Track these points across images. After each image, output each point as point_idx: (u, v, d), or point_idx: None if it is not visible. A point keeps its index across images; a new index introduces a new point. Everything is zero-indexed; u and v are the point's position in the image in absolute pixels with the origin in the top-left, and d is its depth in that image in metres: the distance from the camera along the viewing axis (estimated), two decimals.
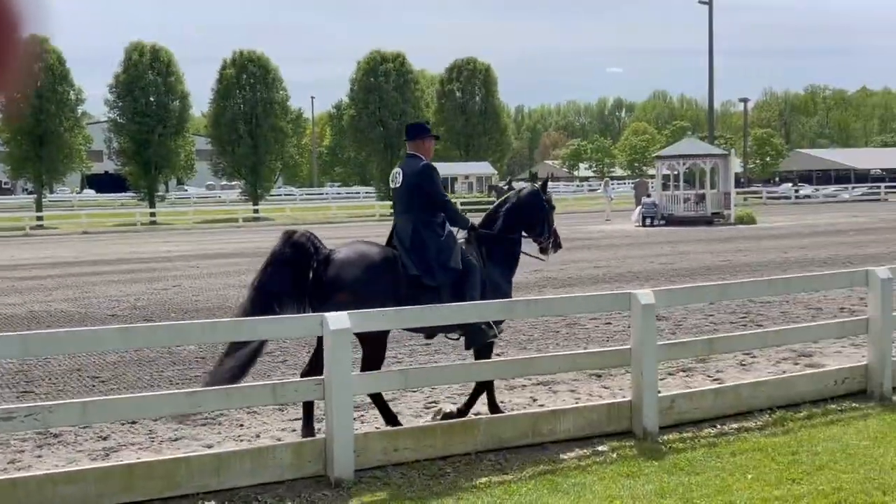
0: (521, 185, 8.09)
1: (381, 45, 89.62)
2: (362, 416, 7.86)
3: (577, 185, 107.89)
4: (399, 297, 6.79)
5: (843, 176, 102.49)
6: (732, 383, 8.03)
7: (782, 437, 6.87)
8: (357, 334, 6.39)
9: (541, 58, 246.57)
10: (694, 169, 40.36)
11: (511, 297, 7.52)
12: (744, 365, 9.54)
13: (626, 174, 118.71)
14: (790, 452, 6.44)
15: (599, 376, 9.08)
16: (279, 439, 7.11)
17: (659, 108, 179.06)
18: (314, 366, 6.74)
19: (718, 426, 7.24)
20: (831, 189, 76.88)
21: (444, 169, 64.00)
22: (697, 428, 7.20)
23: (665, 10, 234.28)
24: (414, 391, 8.47)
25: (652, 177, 51.54)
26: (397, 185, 7.25)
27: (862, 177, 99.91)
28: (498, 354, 10.17)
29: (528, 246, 7.83)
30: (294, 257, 6.78)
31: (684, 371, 9.31)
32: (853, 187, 76.03)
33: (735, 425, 7.26)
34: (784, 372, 8.93)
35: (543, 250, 7.91)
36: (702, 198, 38.20)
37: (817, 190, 76.92)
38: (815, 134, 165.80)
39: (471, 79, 77.14)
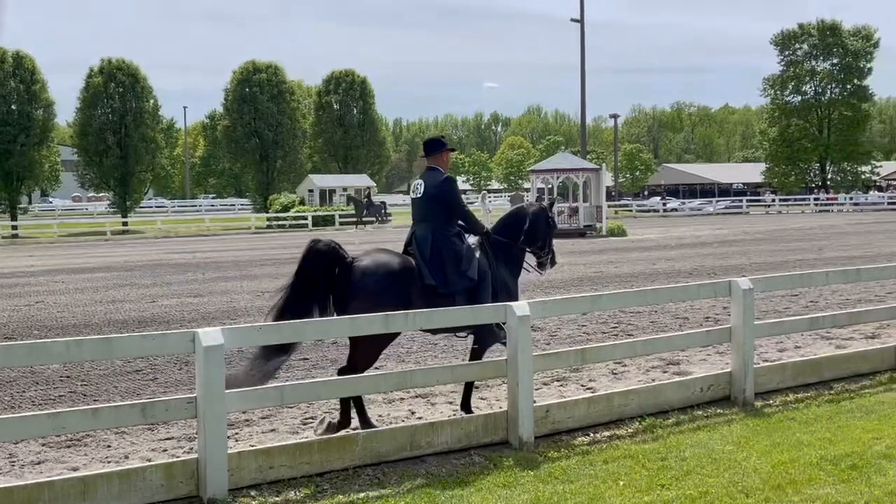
0: (528, 202, 8.66)
1: (256, 55, 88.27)
2: (237, 433, 7.70)
3: None
4: (415, 304, 7.24)
5: (707, 190, 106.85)
6: (605, 392, 8.23)
7: (652, 443, 7.07)
8: (352, 338, 6.99)
9: (419, 71, 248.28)
10: (567, 182, 41.33)
11: (518, 298, 7.87)
12: (615, 374, 9.80)
13: (502, 187, 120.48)
14: (659, 459, 6.64)
15: (478, 387, 9.15)
16: (149, 460, 6.88)
17: (534, 123, 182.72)
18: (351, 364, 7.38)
19: (591, 434, 7.41)
20: (697, 202, 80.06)
21: (321, 181, 63.54)
22: (571, 436, 7.35)
23: (539, 26, 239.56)
24: (291, 407, 8.34)
25: (527, 190, 52.50)
26: (418, 196, 7.72)
27: (725, 191, 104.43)
28: (377, 368, 10.15)
29: (528, 258, 8.33)
30: (319, 264, 7.21)
31: (559, 381, 9.49)
32: (717, 201, 79.41)
33: (607, 433, 7.44)
34: (654, 380, 9.21)
35: (541, 265, 8.42)
36: (575, 211, 39.14)
37: (684, 203, 79.96)
38: (682, 149, 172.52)
39: (349, 91, 76.94)
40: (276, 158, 69.81)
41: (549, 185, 40.39)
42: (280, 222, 56.22)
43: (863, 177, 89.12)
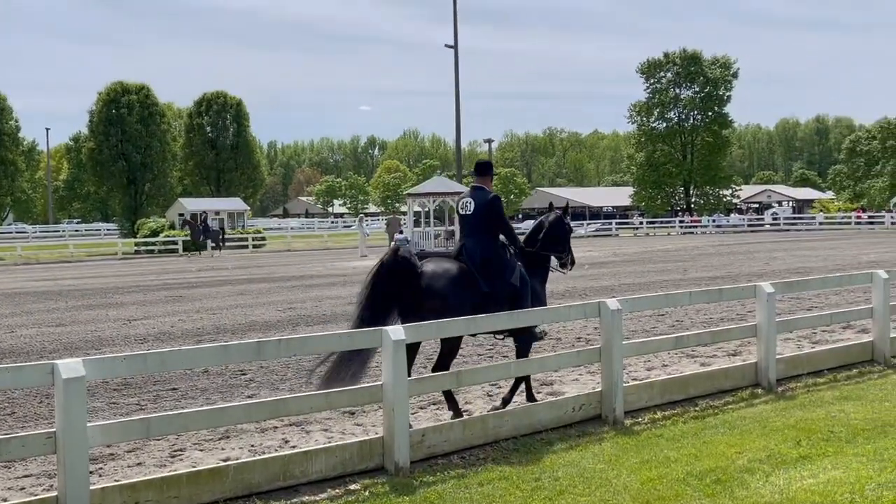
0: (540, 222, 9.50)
1: (124, 75, 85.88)
2: (100, 468, 7.37)
3: (332, 222, 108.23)
4: (473, 304, 8.18)
5: (579, 213, 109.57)
6: (479, 414, 8.28)
7: (526, 464, 7.14)
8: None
9: (295, 94, 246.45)
10: (443, 206, 41.71)
11: (546, 303, 9.12)
12: (490, 396, 9.87)
13: (379, 211, 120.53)
14: (533, 479, 6.71)
15: (353, 414, 9.06)
16: (5, 499, 6.50)
17: (410, 147, 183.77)
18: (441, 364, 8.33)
19: (467, 457, 7.42)
20: None
21: (193, 204, 62.00)
22: (447, 460, 7.35)
23: (415, 51, 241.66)
24: (158, 439, 8.05)
25: (404, 213, 52.64)
26: (469, 212, 8.64)
27: (596, 214, 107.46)
28: (249, 396, 9.93)
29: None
30: (396, 268, 8.12)
31: (435, 404, 9.49)
32: (588, 223, 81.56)
33: (482, 455, 7.47)
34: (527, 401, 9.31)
35: (563, 265, 9.49)
36: (451, 234, 39.46)
37: None
38: (554, 173, 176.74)
39: (221, 113, 75.64)
40: (145, 182, 67.94)
41: (426, 209, 40.65)
42: (149, 247, 54.53)
43: (724, 200, 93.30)
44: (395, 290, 8.11)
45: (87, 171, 73.00)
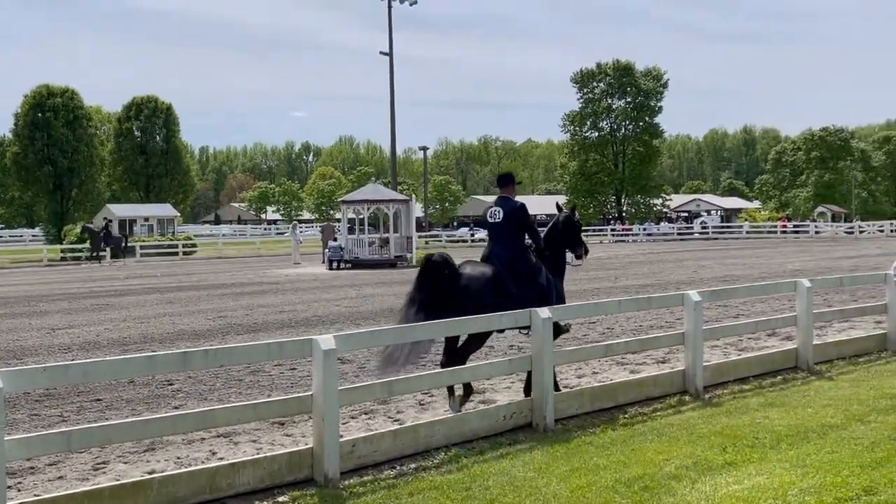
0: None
1: (50, 78, 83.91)
2: (19, 483, 7.15)
3: (265, 228, 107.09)
4: (505, 304, 8.85)
5: None
6: (411, 423, 8.24)
7: (457, 473, 7.13)
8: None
9: (227, 99, 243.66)
10: (378, 213, 41.58)
11: (565, 298, 9.87)
12: (423, 405, 9.84)
13: (313, 217, 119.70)
14: (464, 489, 6.70)
15: (283, 424, 8.95)
16: None
17: (345, 153, 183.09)
18: (450, 356, 9.05)
19: (398, 467, 7.38)
20: None
21: (122, 211, 60.82)
22: (378, 470, 7.29)
23: (350, 57, 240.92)
24: (80, 452, 7.84)
25: (338, 220, 52.35)
26: (498, 220, 9.45)
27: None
28: (176, 407, 9.75)
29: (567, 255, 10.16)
30: (436, 271, 8.92)
31: (366, 413, 9.43)
32: None
33: (414, 465, 7.43)
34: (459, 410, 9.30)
35: (578, 256, 10.26)
36: (386, 241, 39.39)
37: None
38: (489, 181, 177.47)
39: (151, 118, 74.37)
40: (72, 187, 66.43)
41: (360, 216, 40.49)
42: (75, 254, 53.23)
43: (655, 209, 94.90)
44: (437, 290, 8.87)
45: (12, 176, 71.03)
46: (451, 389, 8.98)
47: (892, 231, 69.71)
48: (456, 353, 9.09)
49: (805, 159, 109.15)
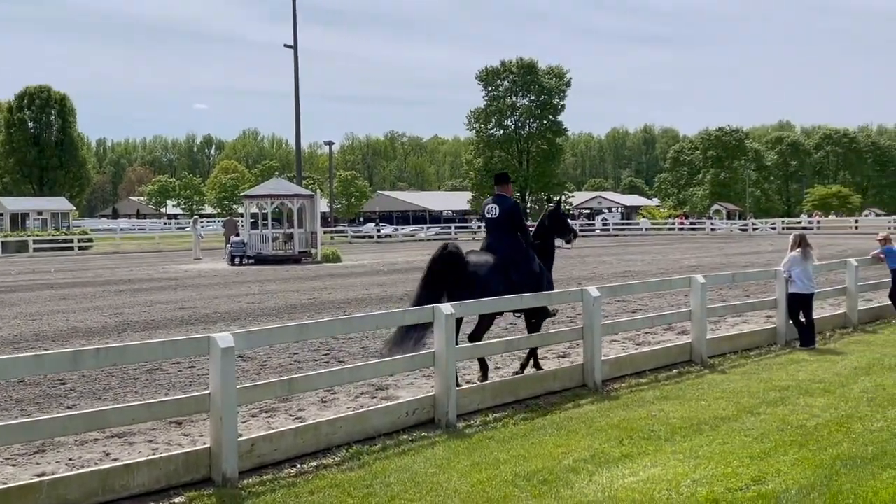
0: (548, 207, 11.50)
1: None
2: None
3: (165, 223, 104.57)
4: (506, 290, 9.90)
5: (420, 216, 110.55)
6: (312, 421, 8.16)
7: (358, 471, 7.09)
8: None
9: (126, 91, 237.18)
10: (282, 208, 41.06)
11: (553, 285, 11.02)
12: (325, 402, 9.76)
13: (216, 212, 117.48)
14: (365, 486, 6.67)
15: (180, 424, 8.76)
16: None
17: (249, 147, 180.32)
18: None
19: (299, 465, 7.31)
20: (409, 228, 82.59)
21: (13, 204, 58.59)
22: (278, 469, 7.20)
23: (254, 50, 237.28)
24: None
25: (241, 215, 51.53)
26: (494, 216, 10.46)
27: (436, 217, 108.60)
28: (68, 407, 9.45)
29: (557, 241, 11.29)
30: (448, 259, 9.93)
31: (267, 412, 9.30)
32: (429, 227, 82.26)
33: (315, 463, 7.37)
34: (362, 406, 9.27)
35: (568, 241, 11.32)
36: (290, 237, 38.94)
37: (397, 229, 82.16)
38: (395, 177, 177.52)
39: (44, 108, 71.84)
40: None
41: (264, 211, 39.93)
42: None
43: None
44: (446, 277, 9.82)
45: None
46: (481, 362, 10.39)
47: (783, 229, 72.32)
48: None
49: (702, 158, 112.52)
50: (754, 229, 73.18)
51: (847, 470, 6.78)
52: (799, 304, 13.08)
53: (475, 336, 10.31)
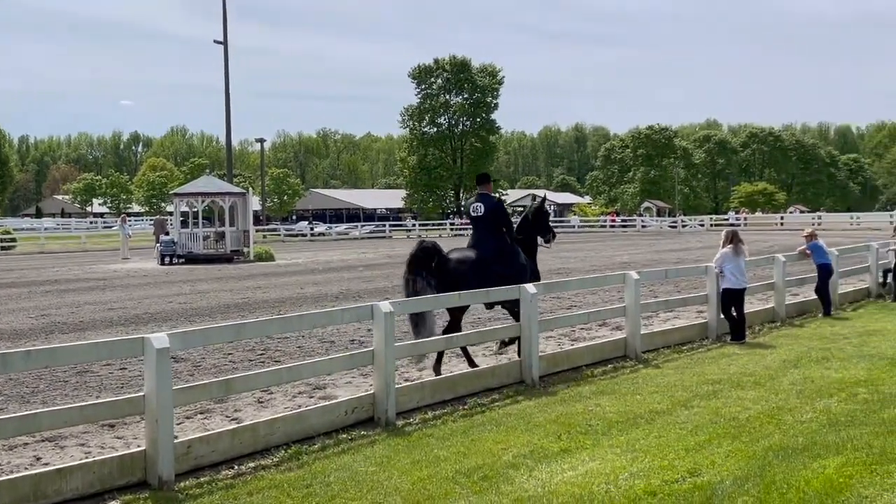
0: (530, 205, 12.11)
1: None
2: None
3: (91, 222, 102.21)
4: (489, 283, 10.42)
5: (353, 214, 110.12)
6: (250, 422, 8.06)
7: (297, 471, 7.03)
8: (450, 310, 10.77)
9: (49, 87, 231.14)
10: (213, 206, 40.49)
11: (539, 275, 11.67)
12: (262, 402, 9.65)
13: (144, 210, 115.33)
14: (304, 486, 6.61)
15: (113, 426, 8.57)
16: None
17: (178, 144, 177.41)
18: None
19: (237, 467, 7.21)
20: (343, 227, 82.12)
21: None
22: (216, 471, 7.10)
23: (183, 45, 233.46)
24: None
25: (171, 214, 50.66)
26: (480, 214, 11.08)
27: (370, 215, 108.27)
28: None
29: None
30: (426, 255, 10.47)
31: (203, 413, 9.16)
32: (363, 225, 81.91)
33: (253, 464, 7.28)
34: (300, 406, 9.19)
35: (547, 241, 11.80)
36: (221, 235, 38.41)
37: (331, 228, 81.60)
38: (329, 175, 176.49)
39: None
40: None
41: (194, 209, 39.31)
42: None
43: None
44: (428, 273, 10.32)
45: None
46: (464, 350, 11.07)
47: (711, 225, 73.82)
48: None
49: (632, 156, 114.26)
50: (683, 226, 74.54)
51: (779, 460, 6.95)
52: (731, 299, 13.36)
53: (448, 331, 10.74)
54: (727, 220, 76.61)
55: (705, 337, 13.44)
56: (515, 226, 11.55)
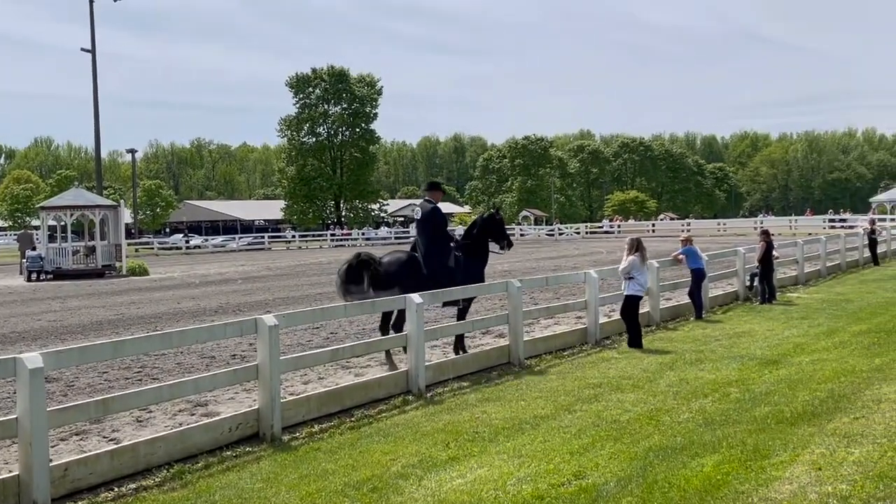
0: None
1: None
2: None
3: None
4: (419, 284, 11.27)
5: (230, 226, 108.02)
6: (129, 442, 7.80)
7: (181, 490, 6.84)
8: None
9: None
10: (83, 220, 39.05)
11: (484, 280, 12.63)
12: (141, 421, 9.35)
13: (7, 225, 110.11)
14: None
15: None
16: None
17: (43, 156, 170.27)
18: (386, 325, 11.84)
19: (116, 489, 6.97)
20: (220, 239, 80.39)
21: None
22: (95, 494, 6.84)
23: (47, 53, 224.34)
24: None
25: (37, 228, 48.56)
26: (418, 218, 12.17)
27: (248, 227, 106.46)
28: None
29: (492, 246, 12.75)
30: (360, 262, 11.39)
31: (79, 434, 8.81)
32: (240, 237, 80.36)
33: (134, 485, 7.04)
34: (181, 424, 8.95)
35: (502, 248, 12.78)
36: (92, 250, 37.07)
37: (207, 240, 79.78)
38: (204, 186, 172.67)
39: None
40: None
41: (62, 223, 37.81)
42: None
43: (373, 213, 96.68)
44: (362, 279, 11.20)
45: None
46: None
47: (587, 233, 75.73)
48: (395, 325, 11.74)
49: (510, 166, 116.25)
50: (560, 234, 76.20)
51: (660, 460, 7.18)
52: (634, 305, 13.61)
53: (398, 327, 11.63)
54: (602, 227, 78.74)
55: (585, 342, 13.76)
56: (465, 232, 12.61)
